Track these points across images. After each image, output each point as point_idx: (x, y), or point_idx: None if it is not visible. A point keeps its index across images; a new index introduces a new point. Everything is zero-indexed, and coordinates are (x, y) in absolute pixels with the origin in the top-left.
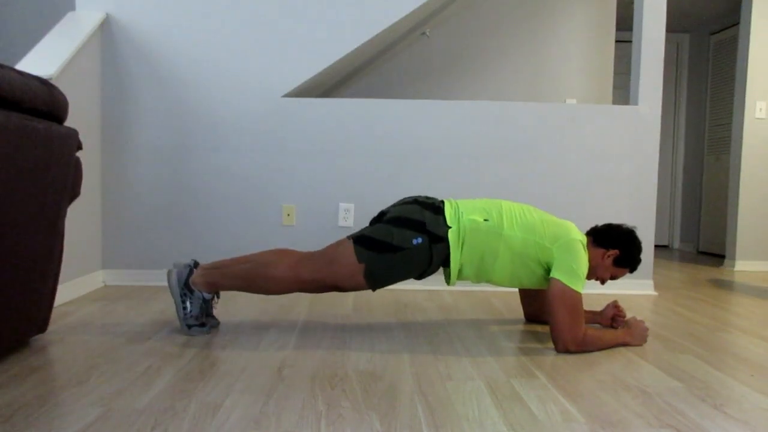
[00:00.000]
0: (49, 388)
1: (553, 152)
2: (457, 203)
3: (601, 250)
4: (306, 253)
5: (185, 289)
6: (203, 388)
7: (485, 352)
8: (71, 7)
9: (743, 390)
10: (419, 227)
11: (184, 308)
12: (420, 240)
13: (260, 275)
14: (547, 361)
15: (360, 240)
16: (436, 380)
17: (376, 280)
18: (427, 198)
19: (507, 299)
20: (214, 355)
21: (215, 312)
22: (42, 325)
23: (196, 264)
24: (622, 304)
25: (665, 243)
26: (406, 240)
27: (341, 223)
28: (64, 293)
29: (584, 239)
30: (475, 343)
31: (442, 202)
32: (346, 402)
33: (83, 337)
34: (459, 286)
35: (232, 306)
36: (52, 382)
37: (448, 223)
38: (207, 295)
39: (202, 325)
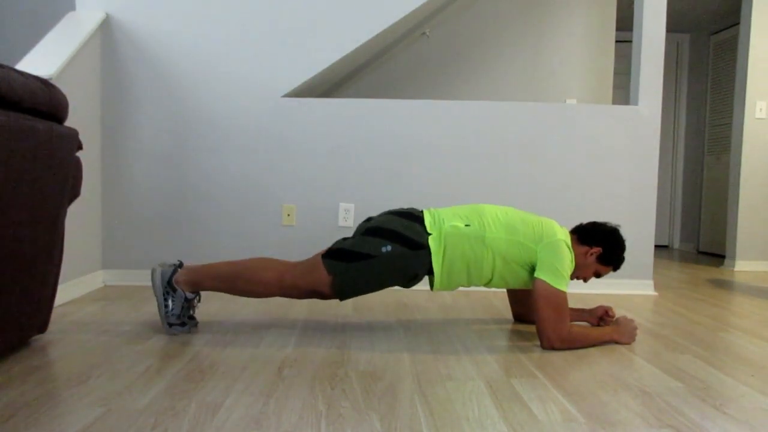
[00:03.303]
0: (49, 388)
1: (553, 152)
2: (437, 211)
3: (584, 248)
4: (292, 262)
5: (168, 287)
6: (203, 388)
7: (485, 352)
8: (71, 7)
9: (743, 390)
10: (391, 235)
11: (166, 306)
12: (389, 248)
13: (244, 277)
14: (547, 361)
15: (330, 254)
16: (436, 380)
17: (343, 290)
18: (405, 209)
19: (507, 299)
20: (214, 355)
21: (196, 313)
22: (42, 325)
23: (181, 264)
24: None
25: (665, 243)
26: (375, 248)
27: (341, 223)
28: (64, 293)
29: (568, 238)
30: (475, 343)
31: (422, 211)
32: (346, 402)
33: (83, 337)
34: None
35: (232, 306)
36: (52, 382)
37: (428, 230)
38: (189, 295)
39: (183, 324)
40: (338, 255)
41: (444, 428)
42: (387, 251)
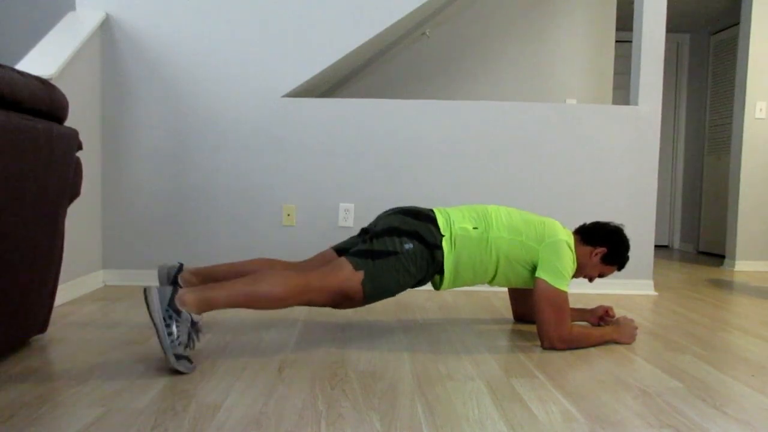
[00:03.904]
0: (49, 388)
1: (553, 152)
2: (447, 212)
3: (588, 248)
4: (301, 264)
5: (170, 310)
6: (203, 388)
7: (485, 352)
8: (71, 7)
9: (743, 390)
10: (410, 234)
11: (170, 334)
12: (411, 246)
13: (267, 283)
14: (547, 361)
15: (354, 253)
16: (436, 380)
17: (373, 287)
18: (415, 208)
19: (507, 299)
20: (214, 355)
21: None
22: (42, 325)
23: (181, 266)
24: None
25: (665, 243)
26: (399, 245)
27: (341, 223)
28: (64, 293)
29: (570, 238)
30: (475, 343)
31: (432, 211)
32: (346, 402)
33: (83, 337)
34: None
35: None
36: (52, 382)
37: (441, 231)
38: (196, 317)
39: (189, 360)
40: (360, 254)
41: (444, 428)
42: (410, 248)
